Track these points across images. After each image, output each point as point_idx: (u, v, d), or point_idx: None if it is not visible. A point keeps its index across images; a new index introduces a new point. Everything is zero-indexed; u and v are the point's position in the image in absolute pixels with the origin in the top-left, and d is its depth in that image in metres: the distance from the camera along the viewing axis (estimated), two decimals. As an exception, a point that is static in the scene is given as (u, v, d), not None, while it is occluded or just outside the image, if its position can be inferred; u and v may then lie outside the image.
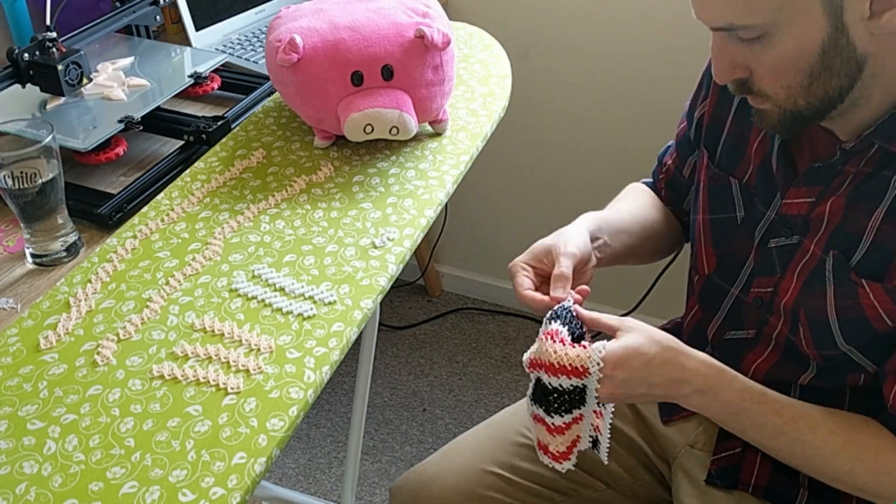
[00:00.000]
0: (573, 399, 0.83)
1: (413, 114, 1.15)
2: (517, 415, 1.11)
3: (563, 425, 0.85)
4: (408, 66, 1.14)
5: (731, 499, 0.97)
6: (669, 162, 1.10)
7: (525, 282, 0.89)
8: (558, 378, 0.82)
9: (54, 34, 1.16)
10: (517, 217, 2.10)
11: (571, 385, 0.82)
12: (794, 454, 0.84)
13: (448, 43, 1.15)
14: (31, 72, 1.16)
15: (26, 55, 1.15)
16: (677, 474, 1.02)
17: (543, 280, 0.91)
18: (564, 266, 0.87)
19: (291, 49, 1.11)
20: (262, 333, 0.91)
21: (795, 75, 0.75)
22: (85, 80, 1.18)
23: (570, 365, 0.81)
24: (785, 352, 0.91)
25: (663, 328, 1.13)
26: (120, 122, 1.18)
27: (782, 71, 0.75)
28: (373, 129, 1.13)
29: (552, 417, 0.84)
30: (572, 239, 0.91)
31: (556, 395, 0.83)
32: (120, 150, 1.19)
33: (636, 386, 0.81)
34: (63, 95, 1.18)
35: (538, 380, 0.84)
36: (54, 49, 1.16)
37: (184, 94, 1.32)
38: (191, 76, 1.31)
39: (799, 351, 0.89)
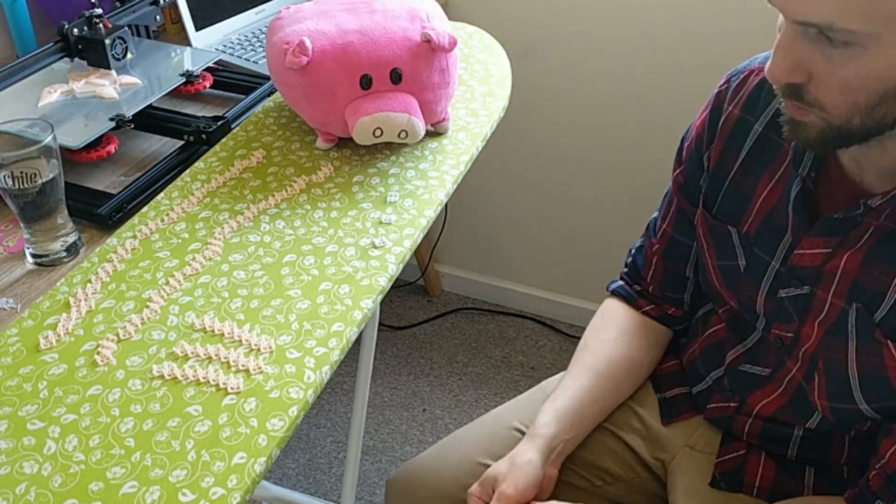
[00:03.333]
0: None
1: (421, 117, 1.15)
2: (514, 409, 1.11)
3: None
4: (416, 69, 1.14)
5: (729, 501, 0.97)
6: (666, 227, 1.04)
7: None
8: None
9: (100, 10, 1.25)
10: (517, 217, 2.10)
11: None
12: None
13: (454, 44, 1.16)
14: (79, 46, 1.24)
15: (76, 30, 1.23)
16: (674, 474, 1.02)
17: None
18: (509, 488, 0.91)
19: (301, 52, 1.11)
20: (262, 333, 0.91)
21: (866, 95, 0.69)
22: (129, 55, 1.26)
23: None
24: (792, 398, 0.91)
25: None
26: (111, 119, 1.18)
27: (854, 87, 0.69)
28: (382, 133, 1.13)
29: None
30: (515, 475, 0.93)
31: None
32: (111, 147, 1.19)
33: None
34: (109, 68, 1.24)
35: None
36: (101, 25, 1.24)
37: (178, 93, 1.32)
38: (182, 74, 1.31)
39: (807, 400, 0.89)
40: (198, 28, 1.47)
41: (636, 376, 1.06)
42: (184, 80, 1.30)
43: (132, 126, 1.20)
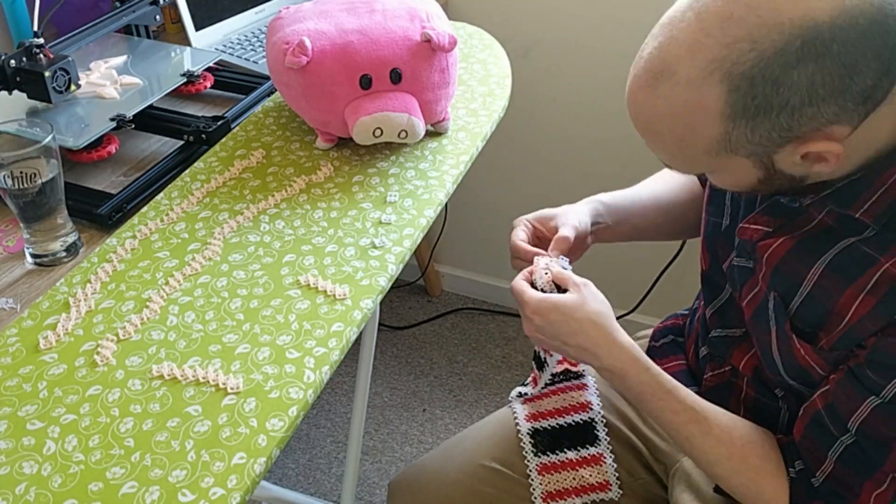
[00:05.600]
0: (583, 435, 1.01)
1: (421, 117, 1.15)
2: None
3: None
4: (416, 69, 1.14)
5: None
6: None
7: (521, 234, 1.01)
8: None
9: (41, 40, 1.15)
10: (517, 217, 2.09)
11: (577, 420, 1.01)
12: (685, 449, 0.89)
13: (454, 44, 1.16)
14: (17, 78, 1.15)
15: (13, 62, 1.14)
16: (676, 477, 1.01)
17: (538, 242, 1.01)
18: (568, 231, 0.97)
19: (301, 52, 1.11)
20: (262, 334, 0.90)
21: (744, 188, 0.78)
22: (73, 87, 1.17)
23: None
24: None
25: (664, 326, 1.13)
26: (112, 120, 1.18)
27: (733, 187, 0.81)
28: (382, 133, 1.13)
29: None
30: (576, 215, 1.00)
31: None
32: (112, 148, 1.19)
33: (551, 337, 0.89)
34: (50, 102, 1.16)
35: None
36: (41, 55, 1.15)
37: (178, 93, 1.32)
38: (183, 74, 1.31)
39: None
40: (198, 28, 1.47)
41: (679, 216, 1.10)
42: (185, 80, 1.30)
43: (133, 126, 1.20)
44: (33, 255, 1.02)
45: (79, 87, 1.21)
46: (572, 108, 1.87)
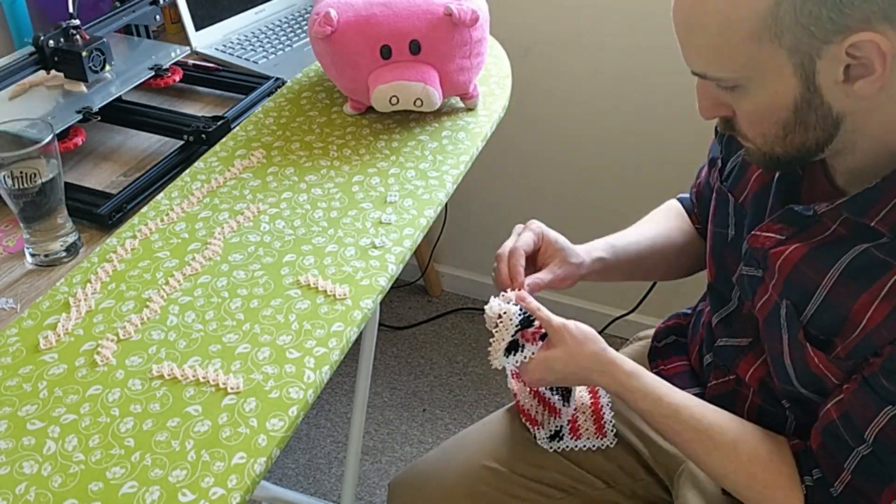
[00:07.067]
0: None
1: (438, 87, 1.20)
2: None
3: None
4: (434, 41, 1.19)
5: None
6: (703, 174, 1.09)
7: (529, 241, 1.04)
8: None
9: (78, 21, 1.21)
10: (517, 217, 2.09)
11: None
12: (696, 463, 0.90)
13: (476, 20, 1.20)
14: (55, 58, 1.20)
15: (51, 42, 1.19)
16: (681, 478, 1.01)
17: (532, 256, 1.04)
18: (548, 276, 1.02)
19: (326, 22, 1.17)
20: (262, 334, 0.90)
21: (770, 126, 0.75)
22: (107, 67, 1.23)
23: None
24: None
25: (666, 326, 1.13)
26: (78, 112, 1.20)
27: (757, 120, 0.76)
28: (398, 101, 1.19)
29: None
30: (577, 258, 1.03)
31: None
32: (78, 140, 1.20)
33: (557, 378, 0.94)
34: (86, 81, 1.22)
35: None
36: (78, 36, 1.20)
37: (171, 91, 1.34)
38: (151, 68, 1.32)
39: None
40: (198, 28, 1.47)
41: (674, 258, 1.11)
42: (152, 73, 1.32)
43: (98, 118, 1.21)
44: (33, 255, 1.02)
45: (112, 66, 1.26)
46: (572, 107, 1.87)
